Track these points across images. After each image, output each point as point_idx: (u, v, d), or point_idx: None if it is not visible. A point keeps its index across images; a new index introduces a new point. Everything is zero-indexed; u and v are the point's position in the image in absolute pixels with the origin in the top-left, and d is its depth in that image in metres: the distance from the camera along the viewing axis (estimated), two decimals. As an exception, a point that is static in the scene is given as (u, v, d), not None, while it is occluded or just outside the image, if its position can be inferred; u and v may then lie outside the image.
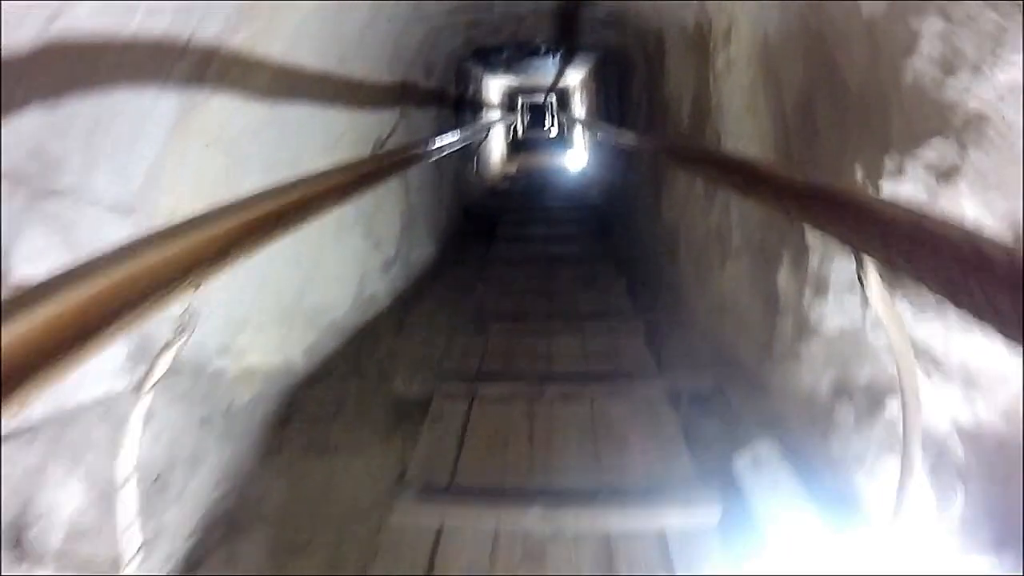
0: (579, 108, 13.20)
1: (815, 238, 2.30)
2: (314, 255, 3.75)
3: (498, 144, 13.52)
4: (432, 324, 4.45)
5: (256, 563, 2.56)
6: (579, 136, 13.03)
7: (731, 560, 2.21)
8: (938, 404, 1.72)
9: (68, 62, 1.91)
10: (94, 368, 2.25)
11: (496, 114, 12.56)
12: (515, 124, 18.41)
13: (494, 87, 12.55)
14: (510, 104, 16.91)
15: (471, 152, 8.62)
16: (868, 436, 2.08)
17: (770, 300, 2.78)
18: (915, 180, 1.69)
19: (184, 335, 1.31)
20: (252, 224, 1.37)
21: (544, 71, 10.46)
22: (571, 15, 5.43)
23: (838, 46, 2.15)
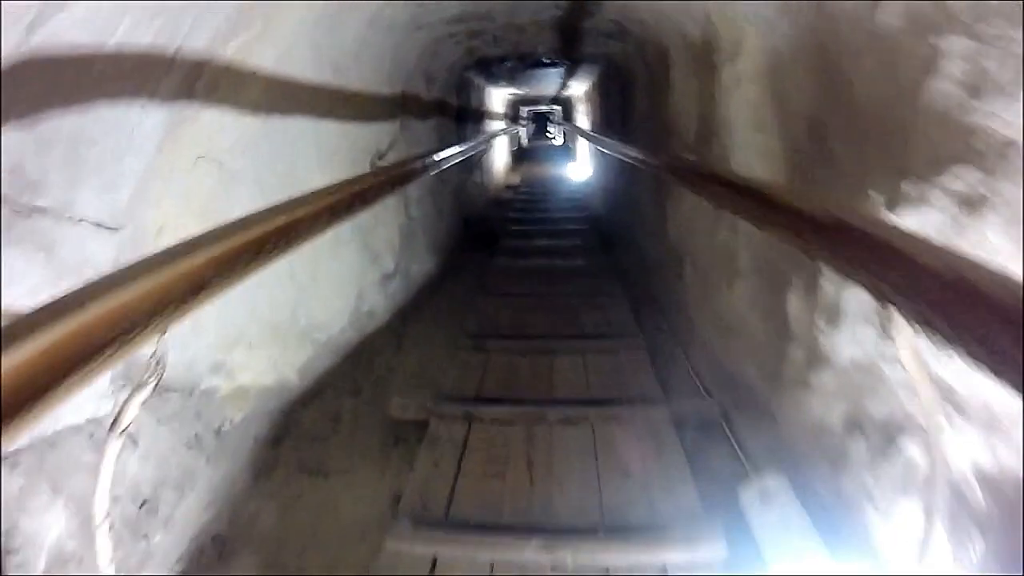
0: (583, 119, 13.13)
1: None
2: (309, 270, 3.66)
3: (501, 154, 13.45)
4: (431, 340, 4.35)
5: (246, 589, 2.48)
6: (583, 146, 12.94)
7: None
8: (959, 447, 1.62)
9: (47, 76, 1.82)
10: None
11: (499, 124, 12.50)
12: (518, 134, 18.34)
13: (497, 97, 12.49)
14: (513, 114, 16.85)
15: (473, 162, 8.54)
16: (882, 475, 1.98)
17: (780, 325, 2.68)
18: (937, 209, 1.59)
19: (153, 380, 1.22)
20: (229, 256, 1.27)
21: (547, 81, 10.40)
22: (573, 26, 5.35)
23: (851, 62, 2.05)
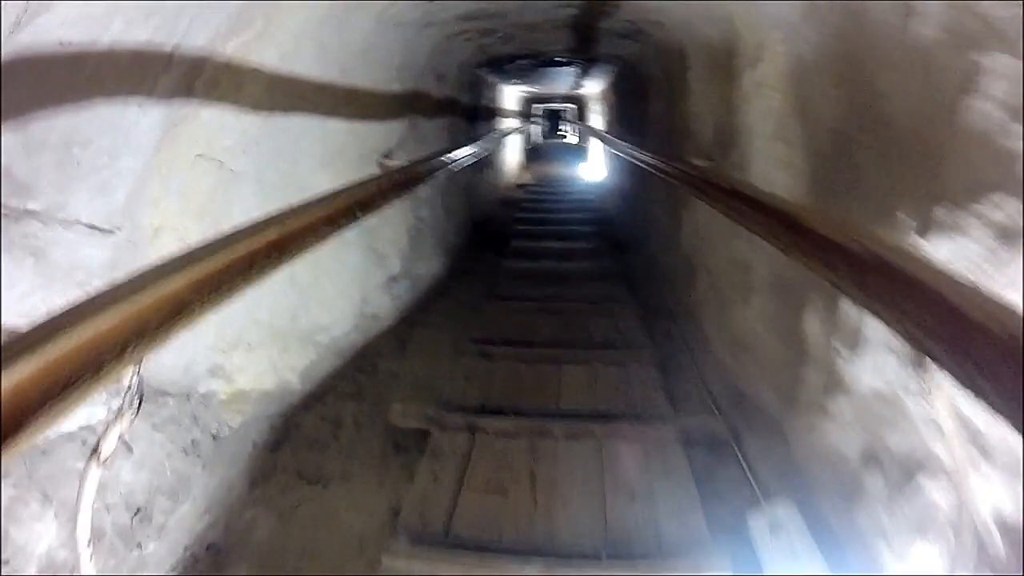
0: (596, 119, 12.98)
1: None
2: (311, 272, 3.58)
3: (513, 152, 13.34)
4: (436, 345, 4.26)
5: (241, 600, 2.41)
6: (596, 146, 12.81)
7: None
8: (984, 493, 1.52)
9: (36, 76, 1.75)
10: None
11: (511, 123, 12.37)
12: (531, 132, 18.19)
13: (509, 95, 12.36)
14: (526, 112, 16.71)
15: (484, 161, 8.44)
16: (899, 513, 1.88)
17: (796, 345, 2.57)
18: (973, 239, 1.48)
19: (131, 411, 1.14)
20: (212, 277, 1.18)
21: (561, 80, 10.26)
22: (588, 26, 5.23)
23: (882, 74, 1.94)
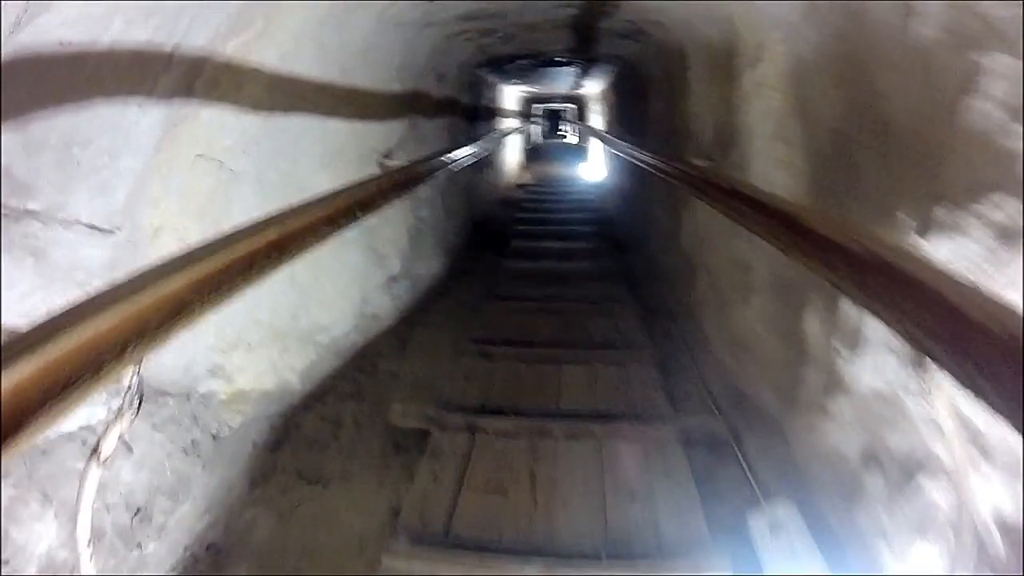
0: (596, 119, 12.97)
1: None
2: (311, 272, 3.58)
3: (513, 152, 13.33)
4: (436, 345, 4.26)
5: (241, 600, 2.41)
6: (596, 146, 12.80)
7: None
8: (982, 493, 1.52)
9: (36, 76, 1.75)
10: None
11: (511, 123, 12.36)
12: (531, 132, 18.16)
13: (509, 95, 12.36)
14: (526, 112, 16.70)
15: (484, 161, 8.44)
16: (899, 513, 1.88)
17: (796, 345, 2.57)
18: (973, 239, 1.48)
19: (131, 411, 1.14)
20: (212, 277, 1.18)
21: (561, 80, 10.26)
22: (588, 26, 5.23)
23: (882, 74, 1.94)
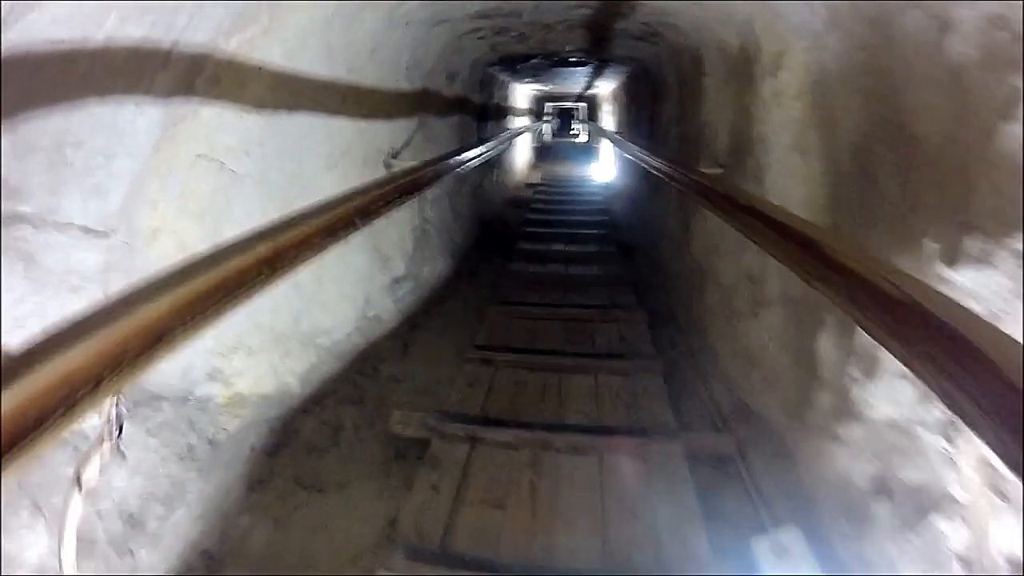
0: (608, 119, 12.85)
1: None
2: (314, 274, 3.51)
3: (523, 150, 13.23)
4: (439, 350, 4.19)
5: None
6: (607, 146, 12.68)
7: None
8: (999, 537, 1.45)
9: (25, 77, 1.68)
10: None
11: (522, 121, 12.25)
12: (542, 130, 18.05)
13: (521, 93, 12.26)
14: (537, 110, 16.59)
15: (493, 160, 8.35)
16: (909, 549, 1.82)
17: (807, 364, 2.48)
18: (1003, 272, 1.39)
19: (112, 438, 1.07)
20: (198, 298, 1.11)
21: (574, 79, 10.15)
22: (603, 27, 5.14)
23: (910, 90, 1.84)
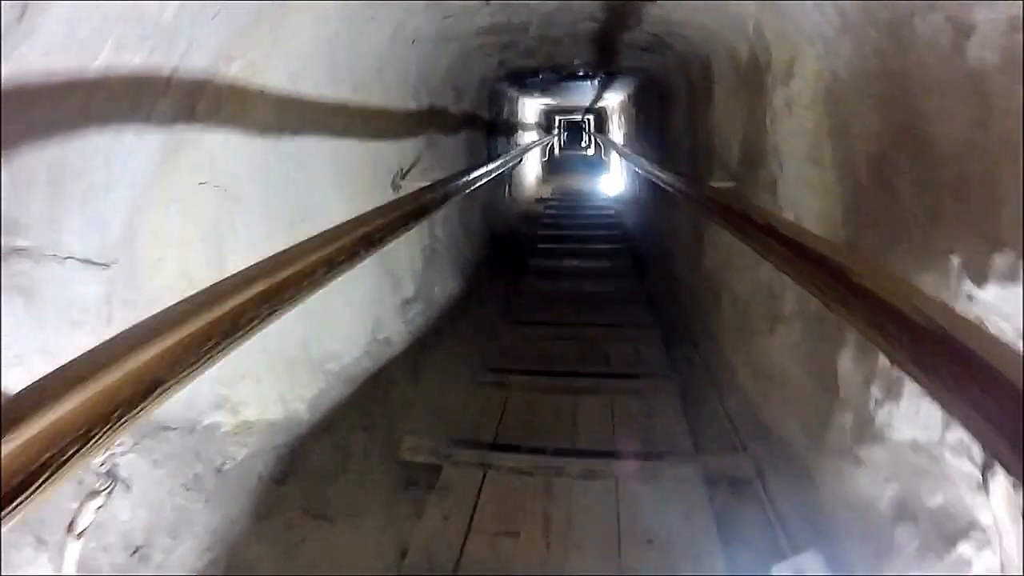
0: (617, 131, 12.81)
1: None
2: (323, 297, 3.45)
3: (533, 165, 13.22)
4: (450, 373, 4.13)
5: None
6: (617, 159, 12.64)
7: None
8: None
9: (20, 109, 1.65)
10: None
11: (531, 136, 12.25)
12: (551, 144, 18.06)
13: (530, 108, 12.27)
14: (546, 124, 16.61)
15: (504, 176, 8.33)
16: (932, 573, 1.72)
17: (827, 383, 2.40)
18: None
19: (107, 490, 1.03)
20: (191, 342, 1.06)
21: (582, 92, 10.13)
22: (610, 39, 5.10)
23: (928, 96, 1.77)
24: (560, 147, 21.18)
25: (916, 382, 0.97)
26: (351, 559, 2.75)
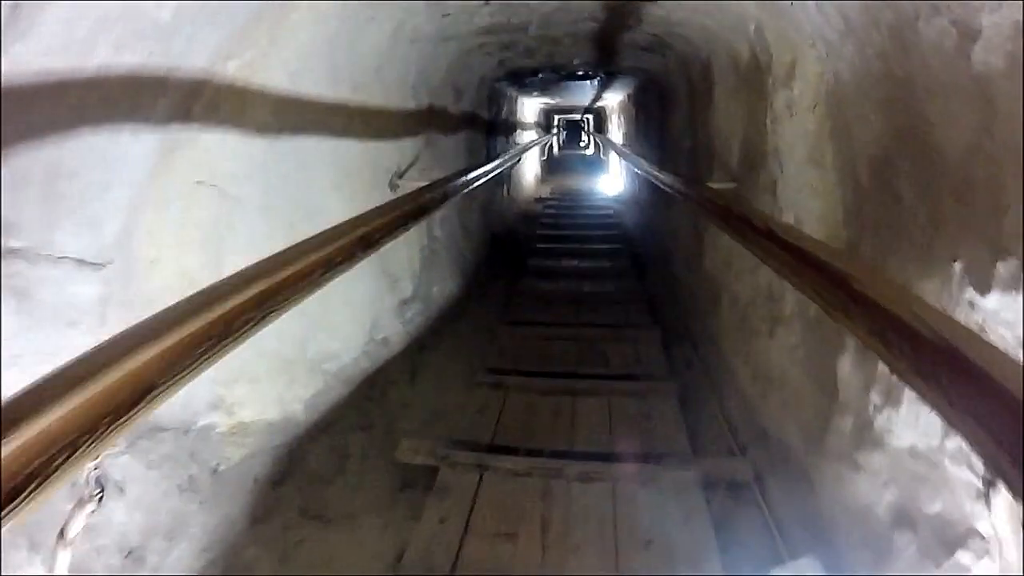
0: (617, 131, 12.78)
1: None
2: (321, 297, 3.44)
3: (532, 164, 13.19)
4: (448, 373, 4.11)
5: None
6: (616, 159, 12.61)
7: None
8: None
9: (16, 108, 1.63)
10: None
11: (531, 135, 12.22)
12: (550, 144, 18.02)
13: (529, 107, 12.24)
14: (546, 124, 16.58)
15: (503, 176, 8.31)
16: (929, 578, 1.71)
17: (827, 388, 2.39)
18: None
19: (96, 499, 1.01)
20: (186, 346, 1.04)
21: (582, 91, 10.11)
22: (610, 39, 5.09)
23: (932, 100, 1.75)
24: (559, 147, 21.15)
25: (916, 392, 0.96)
26: (348, 561, 2.74)
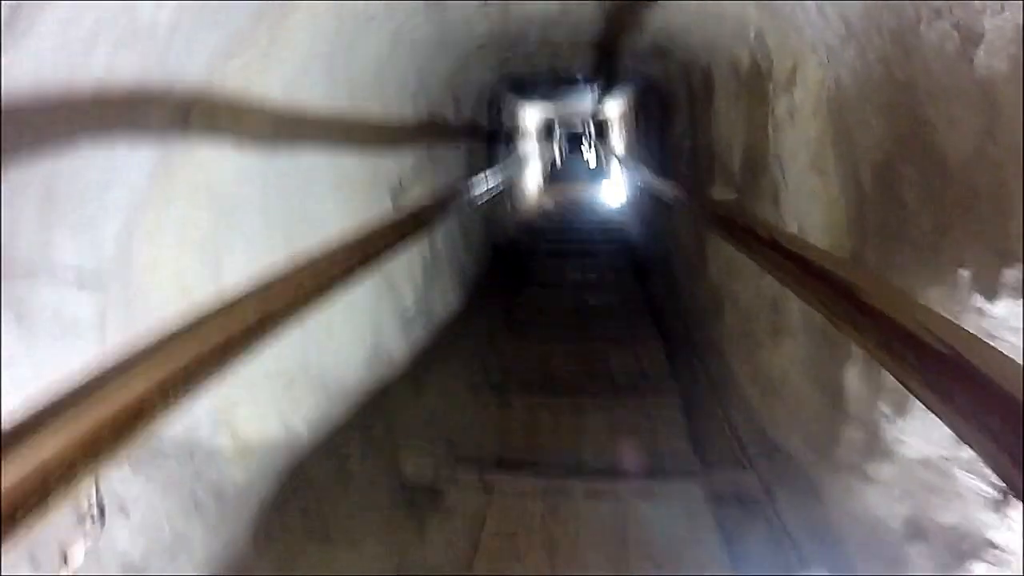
0: (618, 140, 12.76)
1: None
2: (322, 314, 3.43)
3: (533, 174, 13.18)
4: (452, 389, 4.07)
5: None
6: (618, 168, 12.59)
7: None
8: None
9: (9, 121, 1.62)
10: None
11: (532, 145, 12.21)
12: (552, 153, 18.01)
13: (530, 116, 12.24)
14: (547, 133, 16.59)
15: (504, 187, 8.29)
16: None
17: (834, 398, 2.35)
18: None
19: (95, 529, 1.00)
20: (178, 376, 1.02)
21: (582, 99, 10.11)
22: (610, 46, 5.07)
23: (935, 105, 1.73)
24: (561, 155, 21.15)
25: (923, 402, 0.93)
26: (353, 582, 2.70)
